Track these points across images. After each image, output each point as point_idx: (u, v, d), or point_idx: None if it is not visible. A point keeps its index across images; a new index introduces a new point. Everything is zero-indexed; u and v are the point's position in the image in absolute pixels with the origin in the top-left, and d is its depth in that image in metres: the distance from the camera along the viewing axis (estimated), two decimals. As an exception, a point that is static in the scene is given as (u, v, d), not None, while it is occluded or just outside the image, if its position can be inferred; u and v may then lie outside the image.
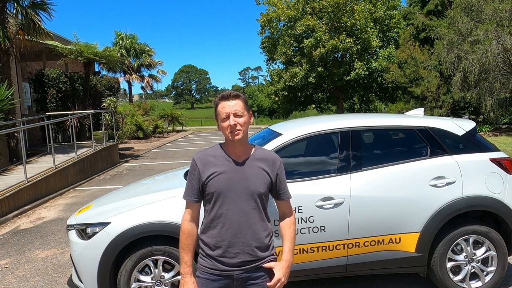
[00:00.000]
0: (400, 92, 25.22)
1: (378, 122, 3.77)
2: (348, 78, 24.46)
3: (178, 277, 3.30)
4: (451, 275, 3.58)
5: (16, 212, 7.39)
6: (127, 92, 35.05)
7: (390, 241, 3.47)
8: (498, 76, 16.08)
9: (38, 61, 15.13)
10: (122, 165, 13.42)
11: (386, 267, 3.56)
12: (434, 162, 3.56)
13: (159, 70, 35.60)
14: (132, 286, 3.34)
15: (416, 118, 3.90)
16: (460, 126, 3.78)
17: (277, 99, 27.75)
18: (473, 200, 3.53)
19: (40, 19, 11.25)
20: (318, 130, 3.63)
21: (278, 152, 3.29)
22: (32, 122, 12.42)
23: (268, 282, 2.13)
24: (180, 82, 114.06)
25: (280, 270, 2.14)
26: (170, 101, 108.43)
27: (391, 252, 3.49)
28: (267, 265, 2.14)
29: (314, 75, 24.63)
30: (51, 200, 8.61)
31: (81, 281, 3.45)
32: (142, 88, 35.47)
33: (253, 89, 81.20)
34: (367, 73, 24.21)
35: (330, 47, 23.01)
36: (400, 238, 3.48)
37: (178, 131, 30.94)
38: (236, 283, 2.10)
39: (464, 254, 3.59)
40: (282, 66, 27.34)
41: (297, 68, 24.90)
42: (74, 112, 13.50)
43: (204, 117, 56.80)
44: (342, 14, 23.35)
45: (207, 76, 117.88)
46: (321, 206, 3.35)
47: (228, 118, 2.08)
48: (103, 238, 3.28)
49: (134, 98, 43.44)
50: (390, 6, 25.33)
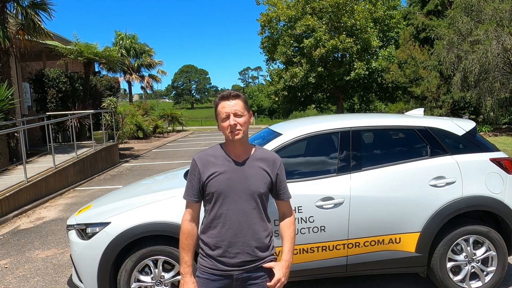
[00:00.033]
0: (400, 92, 25.23)
1: (378, 122, 3.77)
2: (348, 78, 24.46)
3: (178, 277, 3.30)
4: (451, 275, 3.58)
5: (16, 212, 7.39)
6: (127, 92, 35.06)
7: (390, 241, 3.48)
8: (498, 76, 16.08)
9: (38, 61, 15.13)
10: (122, 165, 13.42)
11: (386, 267, 3.56)
12: (434, 162, 3.56)
13: (159, 70, 35.64)
14: (132, 286, 3.34)
15: (416, 118, 3.90)
16: (460, 126, 3.78)
17: (277, 99, 27.76)
18: (473, 200, 3.53)
19: (40, 19, 11.25)
20: (318, 130, 3.63)
21: (278, 152, 3.29)
22: (32, 122, 12.42)
23: (268, 282, 2.13)
24: (180, 82, 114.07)
25: (280, 270, 2.15)
26: (170, 101, 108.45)
27: (391, 252, 3.49)
28: (267, 265, 2.15)
29: (314, 75, 24.64)
30: (51, 200, 8.61)
31: (81, 281, 3.46)
32: (142, 88, 35.48)
33: (253, 89, 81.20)
34: (367, 73, 24.22)
35: (330, 47, 23.02)
36: (400, 238, 3.48)
37: (178, 131, 30.94)
38: (236, 283, 2.10)
39: (464, 254, 3.59)
40: (282, 66, 27.34)
41: (297, 68, 24.90)
42: (74, 112, 13.50)
43: (204, 117, 56.81)
44: (342, 14, 23.35)
45: (207, 76, 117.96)
46: (321, 206, 3.35)
47: (228, 118, 2.08)
48: (103, 238, 3.29)
49: (134, 98, 43.44)
50: (390, 6, 25.33)
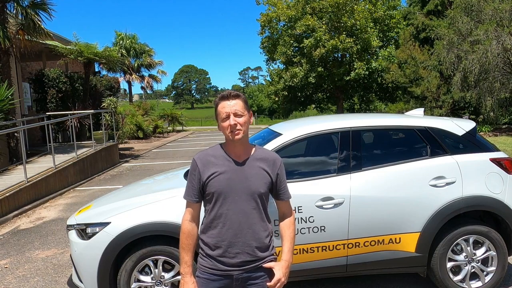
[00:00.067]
0: (400, 92, 25.23)
1: (378, 122, 3.77)
2: (348, 78, 24.46)
3: (178, 277, 3.30)
4: (451, 275, 3.58)
5: (16, 212, 7.39)
6: (127, 92, 35.05)
7: (390, 241, 3.48)
8: (498, 76, 16.08)
9: (38, 61, 15.13)
10: (122, 165, 13.42)
11: (386, 267, 3.56)
12: (434, 162, 3.56)
13: (159, 70, 35.64)
14: (132, 286, 3.34)
15: (416, 118, 3.90)
16: (460, 126, 3.78)
17: (277, 99, 27.76)
18: (473, 200, 3.53)
19: (40, 19, 11.25)
20: (318, 130, 3.63)
21: (278, 152, 3.29)
22: (32, 122, 12.42)
23: (268, 282, 2.13)
24: (180, 82, 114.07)
25: (280, 270, 2.15)
26: (170, 101, 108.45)
27: (391, 252, 3.49)
28: (267, 265, 2.15)
29: (314, 75, 24.64)
30: (51, 200, 8.61)
31: (81, 281, 3.46)
32: (142, 88, 35.48)
33: (253, 89, 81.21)
34: (367, 73, 24.22)
35: (330, 47, 23.02)
36: (400, 238, 3.48)
37: (178, 131, 30.94)
38: (236, 283, 2.10)
39: (464, 254, 3.59)
40: (282, 66, 27.35)
41: (297, 68, 24.90)
42: (74, 112, 13.50)
43: (204, 117, 56.82)
44: (342, 14, 23.35)
45: (207, 76, 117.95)
46: (321, 206, 3.35)
47: (228, 118, 2.08)
48: (103, 238, 3.29)
49: (134, 98, 43.42)
50: (390, 6, 25.33)
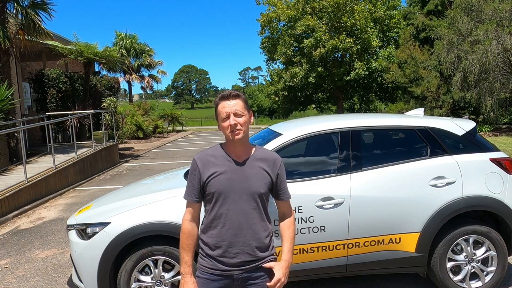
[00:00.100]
0: (400, 92, 25.23)
1: (378, 122, 3.77)
2: (348, 78, 24.47)
3: (178, 277, 3.30)
4: (451, 275, 3.58)
5: (16, 212, 7.39)
6: (127, 92, 35.04)
7: (390, 241, 3.48)
8: (498, 76, 16.08)
9: (38, 61, 15.13)
10: (122, 165, 13.42)
11: (386, 267, 3.56)
12: (434, 162, 3.56)
13: (159, 70, 35.61)
14: (132, 286, 3.34)
15: (416, 118, 3.90)
16: (460, 126, 3.78)
17: (277, 99, 27.77)
18: (473, 200, 3.53)
19: (40, 19, 11.25)
20: (318, 130, 3.63)
21: (278, 152, 3.28)
22: (32, 122, 12.42)
23: (268, 282, 2.14)
24: (180, 82, 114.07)
25: (280, 270, 2.15)
26: (170, 101, 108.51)
27: (391, 252, 3.49)
28: (267, 265, 2.15)
29: (314, 75, 24.65)
30: (51, 200, 8.61)
31: (81, 281, 3.46)
32: (142, 88, 35.46)
33: (253, 89, 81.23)
34: (367, 73, 24.23)
35: (330, 47, 23.03)
36: (400, 238, 3.48)
37: (178, 131, 30.94)
38: (236, 283, 2.10)
39: (464, 254, 3.59)
40: (282, 66, 27.35)
41: (297, 68, 24.91)
42: (74, 112, 13.50)
43: (204, 117, 56.83)
44: (342, 14, 23.36)
45: (207, 76, 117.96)
46: (321, 206, 3.35)
47: (228, 117, 2.08)
48: (103, 238, 3.29)
49: (134, 98, 43.41)
50: (390, 6, 25.35)
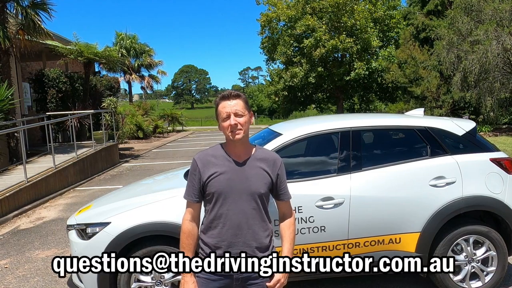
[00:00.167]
0: (400, 92, 25.23)
1: (378, 122, 3.77)
2: (348, 78, 24.47)
3: (178, 277, 3.30)
4: (451, 275, 3.58)
5: (16, 212, 7.39)
6: (127, 92, 35.04)
7: (390, 241, 3.48)
8: (498, 76, 16.08)
9: (38, 61, 15.13)
10: (122, 165, 13.42)
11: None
12: (434, 162, 3.56)
13: (159, 71, 35.60)
14: (132, 286, 3.34)
15: (416, 118, 3.90)
16: (460, 126, 3.78)
17: (277, 99, 27.77)
18: (473, 200, 3.53)
19: (40, 19, 11.24)
20: (318, 130, 3.63)
21: (278, 152, 3.28)
22: (32, 122, 12.42)
23: (267, 283, 2.14)
24: (180, 82, 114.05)
25: (280, 270, 2.14)
26: (170, 101, 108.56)
27: (391, 252, 3.48)
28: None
29: (314, 75, 24.64)
30: (51, 200, 8.61)
31: (81, 281, 3.46)
32: (142, 88, 35.46)
33: (253, 89, 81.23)
34: (367, 73, 24.23)
35: (330, 47, 23.03)
36: (400, 238, 3.48)
37: (178, 131, 30.94)
38: (236, 283, 2.10)
39: (464, 254, 3.59)
40: (282, 66, 27.35)
41: (297, 68, 24.91)
42: (74, 112, 13.49)
43: (204, 117, 56.83)
44: (342, 14, 23.36)
45: (207, 76, 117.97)
46: (321, 206, 3.35)
47: (228, 117, 2.08)
48: (103, 238, 3.29)
49: (134, 98, 43.39)
50: (390, 6, 25.34)
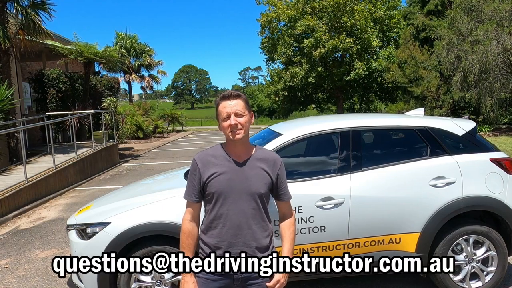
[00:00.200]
0: (400, 92, 25.23)
1: (378, 122, 3.77)
2: (348, 78, 24.46)
3: (178, 277, 3.30)
4: (451, 275, 3.58)
5: (16, 212, 7.39)
6: (127, 92, 35.03)
7: (390, 241, 3.48)
8: (498, 76, 16.08)
9: (38, 61, 15.13)
10: (122, 165, 13.42)
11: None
12: (434, 162, 3.56)
13: (159, 71, 35.58)
14: (132, 286, 3.34)
15: (416, 118, 3.90)
16: (460, 126, 3.78)
17: (277, 99, 27.76)
18: (473, 200, 3.53)
19: (40, 19, 11.24)
20: (318, 130, 3.63)
21: (278, 152, 3.28)
22: (32, 122, 12.41)
23: (267, 283, 2.14)
24: (180, 82, 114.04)
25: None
26: (170, 101, 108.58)
27: (391, 252, 3.48)
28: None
29: (314, 75, 24.64)
30: (51, 200, 8.61)
31: (81, 281, 3.46)
32: (142, 88, 35.44)
33: (253, 89, 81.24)
34: (367, 73, 24.22)
35: (330, 47, 23.02)
36: (400, 238, 3.48)
37: (178, 131, 30.94)
38: (236, 283, 2.10)
39: (464, 254, 3.59)
40: (282, 66, 27.35)
41: (297, 68, 24.91)
42: (74, 112, 13.49)
43: (204, 117, 56.84)
44: (342, 14, 23.36)
45: (207, 76, 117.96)
46: (321, 206, 3.35)
47: (229, 117, 2.08)
48: (103, 238, 3.29)
49: (134, 98, 43.37)
50: (390, 6, 25.34)
